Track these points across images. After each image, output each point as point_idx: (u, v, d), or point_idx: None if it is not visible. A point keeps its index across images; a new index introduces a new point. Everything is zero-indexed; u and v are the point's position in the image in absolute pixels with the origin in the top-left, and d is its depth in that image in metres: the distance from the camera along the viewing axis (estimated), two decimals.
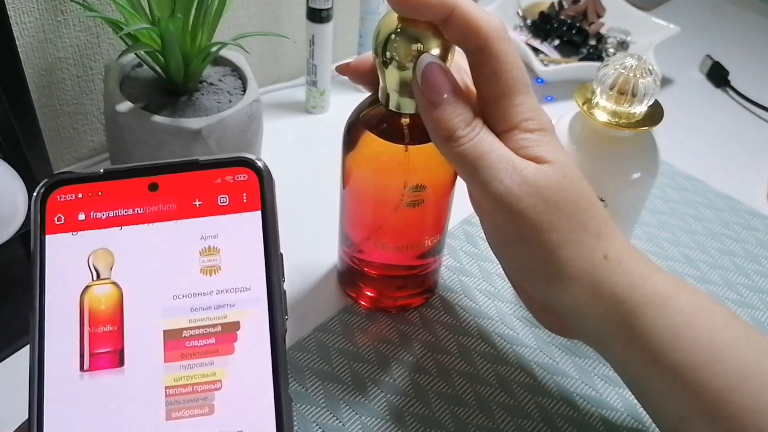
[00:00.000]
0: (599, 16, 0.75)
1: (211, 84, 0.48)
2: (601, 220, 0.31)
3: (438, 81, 0.30)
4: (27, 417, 0.23)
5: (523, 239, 0.30)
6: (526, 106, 0.31)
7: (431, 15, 0.30)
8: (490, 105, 0.31)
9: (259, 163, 0.25)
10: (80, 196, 0.25)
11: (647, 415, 0.39)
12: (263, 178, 0.25)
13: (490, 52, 0.30)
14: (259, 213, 0.25)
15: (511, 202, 0.30)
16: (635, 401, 0.40)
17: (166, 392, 0.23)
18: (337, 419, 0.37)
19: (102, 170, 0.25)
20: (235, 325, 0.24)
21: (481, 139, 0.30)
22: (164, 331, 0.24)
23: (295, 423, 0.37)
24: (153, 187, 0.25)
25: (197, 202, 0.25)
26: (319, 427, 0.37)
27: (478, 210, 0.34)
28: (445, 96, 0.30)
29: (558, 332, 0.35)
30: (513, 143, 0.31)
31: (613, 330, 0.31)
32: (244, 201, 0.25)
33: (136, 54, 0.46)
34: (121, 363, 0.23)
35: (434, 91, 0.30)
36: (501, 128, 0.31)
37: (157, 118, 0.43)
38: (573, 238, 0.30)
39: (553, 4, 0.76)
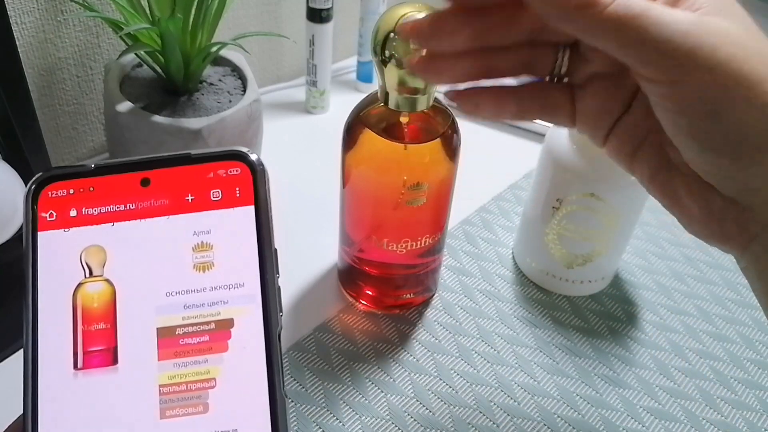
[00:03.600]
0: None
1: (211, 84, 0.48)
2: None
3: None
4: (20, 413, 0.23)
5: (728, 100, 0.25)
6: None
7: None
8: None
9: (252, 157, 0.25)
10: (71, 192, 0.24)
11: (647, 415, 0.39)
12: (256, 172, 0.25)
13: None
14: (252, 208, 0.24)
15: (708, 54, 0.24)
16: (635, 401, 0.39)
17: (159, 390, 0.23)
18: (337, 419, 0.37)
19: (93, 165, 0.25)
20: (229, 323, 0.23)
21: None
22: (158, 328, 0.23)
23: (295, 423, 0.37)
24: (145, 182, 0.25)
25: (190, 197, 0.24)
26: (319, 427, 0.37)
27: (648, 91, 0.27)
28: None
29: (720, 239, 0.30)
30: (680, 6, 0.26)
31: None
32: (237, 195, 0.25)
33: (136, 54, 0.46)
34: (114, 361, 0.23)
35: None
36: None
37: (157, 118, 0.43)
38: None
39: None
